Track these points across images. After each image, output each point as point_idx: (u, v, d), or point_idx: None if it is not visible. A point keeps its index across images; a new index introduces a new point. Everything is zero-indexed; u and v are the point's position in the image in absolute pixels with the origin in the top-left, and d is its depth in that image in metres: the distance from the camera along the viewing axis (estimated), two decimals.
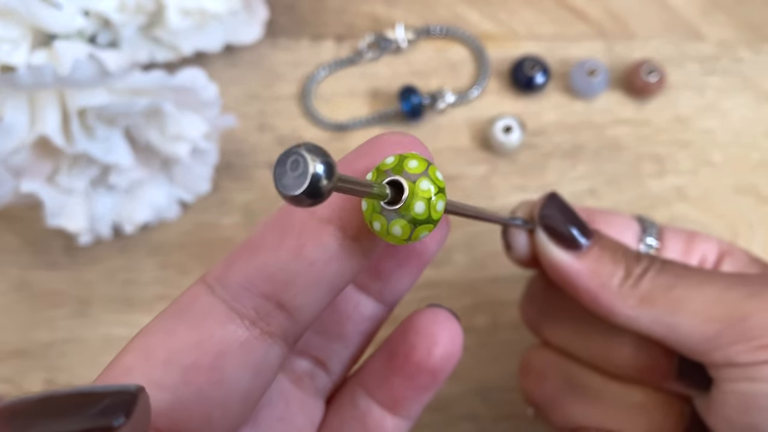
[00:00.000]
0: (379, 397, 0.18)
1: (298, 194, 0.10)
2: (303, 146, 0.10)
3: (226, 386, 0.14)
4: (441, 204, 0.13)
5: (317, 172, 0.10)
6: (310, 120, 0.32)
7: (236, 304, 0.14)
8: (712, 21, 0.34)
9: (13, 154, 0.24)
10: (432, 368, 0.17)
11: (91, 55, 0.22)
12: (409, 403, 0.17)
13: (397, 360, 0.17)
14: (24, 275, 0.30)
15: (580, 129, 0.32)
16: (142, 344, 0.14)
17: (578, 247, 0.19)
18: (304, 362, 0.18)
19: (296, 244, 0.14)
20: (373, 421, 0.18)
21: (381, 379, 0.18)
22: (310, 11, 0.34)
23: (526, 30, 0.34)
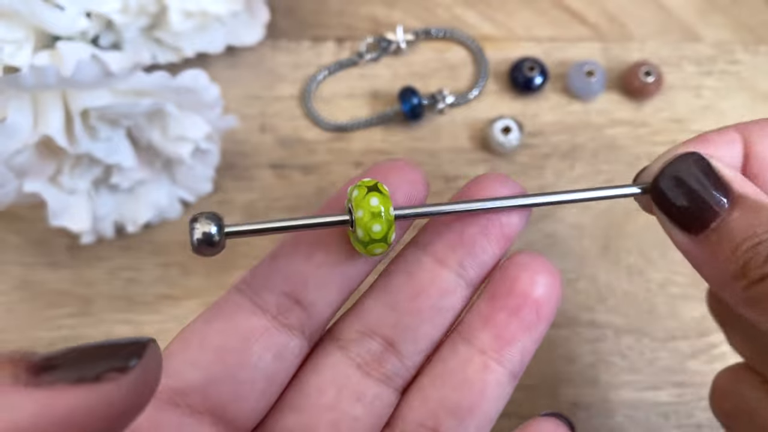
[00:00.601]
0: (482, 339, 0.17)
1: (195, 250, 0.15)
2: (195, 217, 0.15)
3: (251, 366, 0.16)
4: (377, 227, 0.16)
5: (199, 237, 0.15)
6: (310, 121, 0.32)
7: (259, 300, 0.17)
8: (708, 22, 0.34)
9: (16, 155, 0.24)
10: (536, 300, 0.17)
11: (93, 57, 0.22)
12: (514, 346, 0.17)
13: (500, 295, 0.17)
14: (27, 274, 0.30)
15: (578, 130, 0.32)
16: (182, 335, 0.17)
17: (695, 230, 0.16)
18: (373, 344, 0.18)
19: (308, 250, 0.17)
20: (474, 371, 0.17)
21: (485, 319, 0.17)
22: (311, 13, 0.35)
23: (524, 31, 0.34)
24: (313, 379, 0.17)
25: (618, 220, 0.31)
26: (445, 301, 0.17)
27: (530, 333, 0.17)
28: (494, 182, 0.17)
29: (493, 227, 0.17)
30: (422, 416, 0.17)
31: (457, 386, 0.17)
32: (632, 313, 0.29)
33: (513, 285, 0.17)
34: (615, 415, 0.28)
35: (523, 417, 0.28)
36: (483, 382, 0.17)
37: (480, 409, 0.17)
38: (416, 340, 0.17)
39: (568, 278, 0.30)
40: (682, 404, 0.28)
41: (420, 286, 0.17)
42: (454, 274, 0.17)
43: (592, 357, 0.29)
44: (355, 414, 0.17)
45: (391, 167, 0.17)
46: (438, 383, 0.17)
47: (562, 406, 0.28)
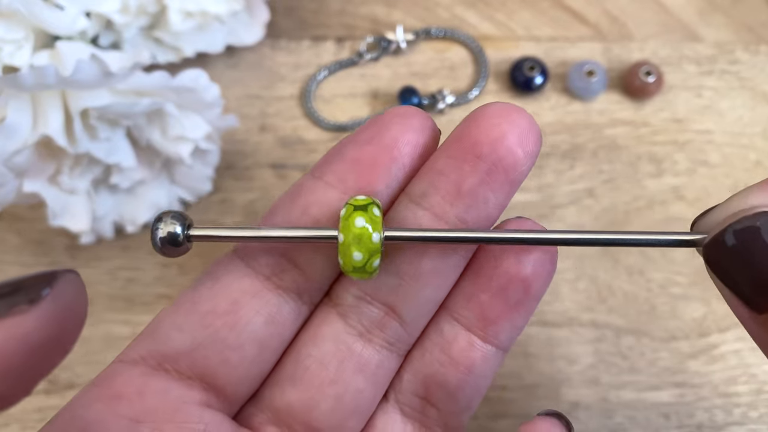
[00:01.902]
0: (467, 317, 0.16)
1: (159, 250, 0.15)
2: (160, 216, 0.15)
3: (240, 330, 0.16)
4: (358, 255, 0.15)
5: (162, 237, 0.15)
6: (310, 120, 0.32)
7: (253, 261, 0.16)
8: (709, 22, 0.34)
9: (15, 155, 0.24)
10: (523, 278, 0.16)
11: (93, 56, 0.22)
12: (500, 324, 0.16)
13: (485, 272, 0.16)
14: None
15: (578, 129, 0.32)
16: (175, 301, 0.16)
17: (759, 308, 0.14)
18: (373, 310, 0.17)
19: (304, 204, 0.16)
20: (459, 350, 0.16)
21: (468, 297, 0.16)
22: (311, 13, 0.35)
23: (524, 31, 0.34)
24: (313, 351, 0.16)
25: (618, 220, 0.31)
26: (446, 260, 0.16)
27: (518, 311, 0.16)
28: (494, 116, 0.16)
29: (495, 173, 0.15)
30: (414, 387, 0.17)
31: (444, 363, 0.16)
32: (633, 313, 0.29)
33: (498, 262, 0.16)
34: (615, 416, 0.28)
35: (523, 417, 0.28)
36: (469, 359, 0.16)
37: (468, 384, 0.17)
38: (418, 305, 0.16)
39: (568, 278, 0.30)
40: (683, 404, 0.28)
41: (419, 246, 0.16)
42: None
43: (592, 357, 0.29)
44: (359, 386, 0.16)
45: (393, 114, 0.16)
46: (426, 358, 0.17)
47: (562, 406, 0.28)
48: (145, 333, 0.16)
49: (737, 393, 0.28)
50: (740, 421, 0.28)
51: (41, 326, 0.12)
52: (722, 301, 0.29)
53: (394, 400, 0.17)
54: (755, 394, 0.28)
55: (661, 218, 0.31)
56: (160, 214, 0.15)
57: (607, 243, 0.15)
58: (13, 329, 0.11)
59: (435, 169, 0.16)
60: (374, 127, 0.16)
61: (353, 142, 0.16)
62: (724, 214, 0.14)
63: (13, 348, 0.11)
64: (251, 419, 0.17)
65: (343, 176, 0.16)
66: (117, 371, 0.15)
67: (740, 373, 0.28)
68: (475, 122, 0.16)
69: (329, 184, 0.16)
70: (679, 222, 0.31)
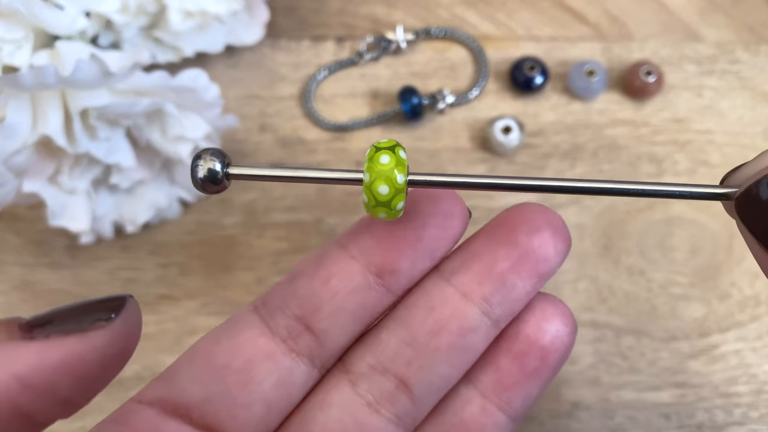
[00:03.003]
0: (483, 382, 0.16)
1: (200, 185, 0.15)
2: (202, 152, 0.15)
3: (251, 389, 0.16)
4: (384, 188, 0.15)
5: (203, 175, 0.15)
6: (310, 120, 0.32)
7: (271, 321, 0.16)
8: (709, 22, 0.34)
9: (15, 155, 0.24)
10: (542, 346, 0.16)
11: (93, 56, 0.22)
12: (516, 392, 0.16)
13: (505, 337, 0.16)
14: (26, 275, 0.30)
15: (578, 129, 0.32)
16: (192, 349, 0.17)
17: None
18: (385, 382, 0.17)
19: (326, 275, 0.16)
20: (471, 414, 0.16)
21: (486, 361, 0.16)
22: (311, 13, 0.34)
23: (525, 31, 0.34)
24: (320, 416, 0.16)
25: (619, 220, 0.31)
26: (466, 339, 0.16)
27: (534, 380, 0.16)
28: (532, 212, 0.16)
29: (526, 261, 0.16)
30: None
31: (455, 426, 0.17)
32: (633, 313, 0.29)
33: (519, 327, 0.16)
34: (615, 416, 0.28)
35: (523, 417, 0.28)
36: (481, 426, 0.16)
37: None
38: (431, 381, 0.16)
39: (569, 278, 0.30)
40: (683, 405, 0.28)
41: (441, 322, 0.16)
42: (478, 310, 0.16)
43: (592, 357, 0.29)
44: None
45: (427, 200, 0.17)
46: (439, 422, 0.17)
47: (563, 406, 0.28)
48: (163, 377, 0.17)
49: (738, 393, 0.28)
50: (741, 422, 0.28)
51: (113, 341, 0.13)
52: (722, 301, 0.29)
53: None
54: (756, 395, 0.28)
55: (661, 218, 0.31)
56: (199, 152, 0.15)
57: (637, 193, 0.15)
58: (91, 343, 0.13)
59: (470, 250, 0.17)
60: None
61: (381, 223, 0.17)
62: (756, 169, 0.14)
63: (91, 359, 0.13)
64: None
65: (367, 251, 0.16)
66: (134, 410, 0.16)
67: (741, 374, 0.28)
68: (514, 214, 0.17)
69: (353, 258, 0.16)
70: (679, 222, 0.31)
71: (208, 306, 0.29)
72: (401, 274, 0.16)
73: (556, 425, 0.28)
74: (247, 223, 0.30)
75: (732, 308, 0.29)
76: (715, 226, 0.31)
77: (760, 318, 0.29)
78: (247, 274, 0.30)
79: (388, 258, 0.16)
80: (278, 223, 0.31)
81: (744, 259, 0.30)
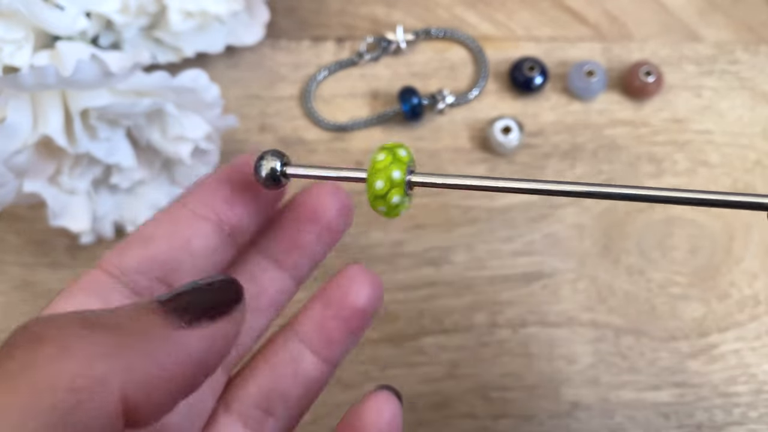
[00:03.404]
0: (314, 341, 0.19)
1: (263, 182, 0.17)
2: (264, 153, 0.17)
3: None
4: (380, 183, 0.16)
5: (267, 172, 0.17)
6: (310, 121, 0.32)
7: (132, 285, 0.17)
8: (709, 22, 0.34)
9: (16, 155, 0.24)
10: (363, 310, 0.19)
11: (93, 56, 0.22)
12: (339, 346, 0.19)
13: (334, 304, 0.19)
14: (26, 274, 0.30)
15: (578, 129, 0.32)
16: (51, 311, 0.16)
17: None
18: None
19: (184, 237, 0.17)
20: (304, 369, 0.19)
21: (317, 325, 0.19)
22: (311, 13, 0.35)
23: (524, 31, 0.34)
24: None
25: (618, 220, 0.31)
26: (279, 298, 0.19)
27: (355, 336, 0.19)
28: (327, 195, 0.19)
29: (325, 233, 0.19)
30: (257, 400, 0.19)
31: (289, 377, 0.19)
32: (632, 313, 0.29)
33: (345, 297, 0.19)
34: (615, 416, 0.28)
35: (523, 417, 0.28)
36: (309, 377, 0.19)
37: (306, 396, 0.19)
38: (252, 333, 0.19)
39: (569, 278, 0.30)
40: (683, 404, 0.28)
41: (262, 288, 0.19)
42: (288, 275, 0.19)
43: (592, 357, 0.29)
44: (201, 396, 0.18)
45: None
46: (275, 374, 0.19)
47: (562, 406, 0.28)
48: None
49: (737, 393, 0.28)
50: (740, 421, 0.28)
51: (238, 326, 0.14)
52: (722, 301, 0.29)
53: (237, 412, 0.19)
54: (755, 394, 0.28)
55: (661, 218, 0.31)
56: (262, 153, 0.17)
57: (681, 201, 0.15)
58: (235, 324, 0.14)
59: (280, 226, 0.20)
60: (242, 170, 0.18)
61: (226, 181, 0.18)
62: None
63: (233, 341, 0.13)
64: None
65: (216, 209, 0.18)
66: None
67: (740, 373, 0.28)
68: (310, 197, 0.20)
69: (205, 218, 0.18)
70: (679, 222, 0.31)
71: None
72: (245, 228, 0.18)
73: (555, 425, 0.28)
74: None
75: (731, 308, 0.29)
76: (714, 226, 0.31)
77: (760, 318, 0.29)
78: None
79: (235, 214, 0.18)
80: None
81: (743, 259, 0.30)
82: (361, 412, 0.17)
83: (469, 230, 0.31)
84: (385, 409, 0.17)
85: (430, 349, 0.29)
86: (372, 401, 0.18)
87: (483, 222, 0.31)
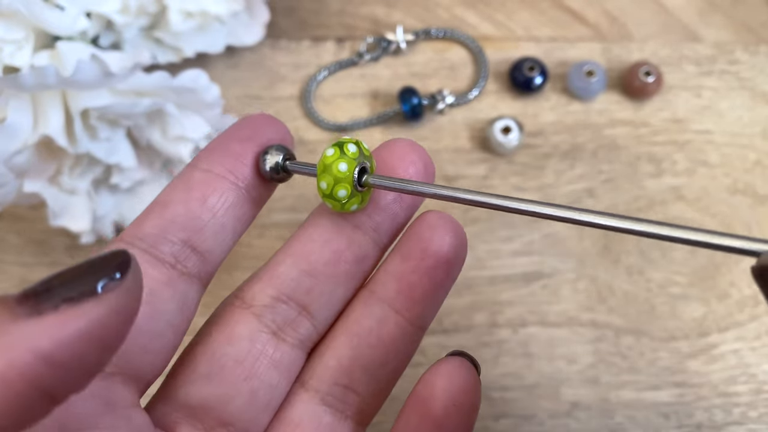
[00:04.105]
0: (395, 299, 0.17)
1: (267, 176, 0.17)
2: (269, 148, 0.17)
3: (158, 318, 0.16)
4: (323, 183, 0.16)
5: (271, 166, 0.17)
6: (310, 121, 0.32)
7: (155, 251, 0.16)
8: (708, 23, 0.34)
9: (16, 155, 0.24)
10: (447, 261, 0.17)
11: (93, 57, 0.22)
12: (425, 304, 0.17)
13: (413, 256, 0.17)
14: (26, 274, 0.30)
15: (578, 130, 0.32)
16: None
17: None
18: (288, 310, 0.18)
19: (201, 196, 0.17)
20: (388, 331, 0.17)
21: (396, 280, 0.17)
22: (311, 13, 0.35)
23: (524, 32, 0.34)
24: (228, 350, 0.17)
25: None
26: (360, 265, 0.18)
27: (440, 290, 0.17)
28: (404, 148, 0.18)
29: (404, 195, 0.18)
30: (337, 375, 0.17)
31: (372, 345, 0.17)
32: (632, 313, 0.29)
33: (426, 246, 0.17)
34: (615, 416, 0.28)
35: (524, 417, 0.28)
36: (396, 340, 0.17)
37: (391, 364, 0.18)
38: (331, 305, 0.18)
39: (569, 278, 0.30)
40: (683, 404, 0.28)
41: (338, 252, 0.17)
42: (370, 239, 0.18)
43: (592, 357, 0.29)
44: (272, 381, 0.17)
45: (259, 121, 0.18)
46: (354, 342, 0.17)
47: (562, 406, 0.28)
48: None
49: (736, 393, 0.28)
50: (740, 421, 0.28)
51: (128, 301, 0.12)
52: (722, 301, 0.29)
53: (314, 390, 0.18)
54: (754, 394, 0.28)
55: (661, 218, 0.31)
56: (267, 147, 0.17)
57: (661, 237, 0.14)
58: (110, 304, 0.12)
59: None
60: (249, 129, 0.18)
61: (235, 140, 0.18)
62: None
63: (112, 324, 0.12)
64: (165, 418, 0.17)
65: (231, 168, 0.17)
66: None
67: (739, 373, 0.28)
68: (390, 152, 0.18)
69: (221, 176, 0.17)
70: (679, 221, 0.31)
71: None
72: (260, 182, 0.18)
73: (555, 425, 0.28)
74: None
75: (731, 308, 0.29)
76: (714, 225, 0.31)
77: (759, 318, 0.29)
78: (248, 273, 0.30)
79: (248, 169, 0.17)
80: (279, 223, 0.31)
81: (743, 259, 0.30)
82: (429, 379, 0.16)
83: (469, 230, 0.31)
84: (456, 375, 0.16)
85: (430, 349, 0.29)
86: (442, 367, 0.16)
87: (483, 222, 0.31)
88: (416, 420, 0.16)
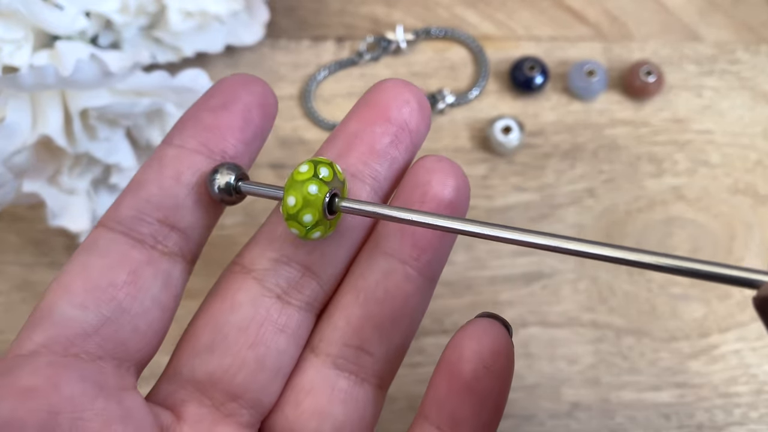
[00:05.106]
0: (401, 250, 0.17)
1: (217, 198, 0.16)
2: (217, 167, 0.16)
3: (142, 297, 0.16)
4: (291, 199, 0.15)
5: (220, 186, 0.16)
6: (310, 120, 0.32)
7: (134, 233, 0.16)
8: (709, 22, 0.34)
9: (15, 155, 0.24)
10: (450, 205, 0.17)
11: (93, 56, 0.22)
12: (432, 252, 0.17)
13: (414, 201, 0.17)
14: (26, 275, 0.30)
15: (578, 129, 0.32)
16: (58, 284, 0.15)
17: None
18: (291, 271, 0.17)
19: (175, 172, 0.16)
20: (396, 284, 0.17)
21: (400, 228, 0.17)
22: (311, 13, 0.34)
23: (525, 31, 0.34)
24: (231, 318, 0.16)
25: (619, 219, 0.31)
26: (364, 220, 0.17)
27: (447, 237, 0.17)
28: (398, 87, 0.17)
29: (402, 135, 0.17)
30: (347, 335, 0.17)
31: (381, 300, 0.17)
32: (633, 313, 0.29)
33: (426, 190, 0.17)
34: (616, 416, 0.28)
35: (524, 417, 0.28)
36: (405, 293, 0.17)
37: (404, 320, 0.17)
38: (335, 262, 0.17)
39: (569, 278, 0.30)
40: (683, 405, 0.28)
41: None
42: (369, 188, 0.17)
43: (592, 357, 0.29)
44: (280, 347, 0.16)
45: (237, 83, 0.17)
46: (361, 299, 0.17)
47: (563, 406, 0.28)
48: (37, 319, 0.15)
49: (737, 393, 0.28)
50: (740, 422, 0.28)
51: None
52: (722, 302, 0.29)
53: (325, 353, 0.17)
54: (755, 395, 0.28)
55: (661, 218, 0.31)
56: (216, 165, 0.16)
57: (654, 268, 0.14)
58: None
59: (349, 132, 0.17)
60: (222, 95, 0.17)
61: (207, 110, 0.17)
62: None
63: None
64: (172, 397, 0.16)
65: (205, 141, 0.16)
66: (19, 365, 0.14)
67: (740, 374, 0.28)
68: (381, 91, 0.18)
69: (195, 151, 0.16)
70: (679, 222, 0.31)
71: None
72: (236, 151, 0.17)
73: (556, 425, 0.28)
74: (247, 224, 0.30)
75: (732, 308, 0.29)
76: (715, 226, 0.31)
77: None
78: None
79: (222, 139, 0.17)
80: None
81: (744, 259, 0.30)
82: (457, 342, 0.15)
83: None
84: (485, 336, 0.15)
85: (430, 349, 0.29)
86: (470, 328, 0.15)
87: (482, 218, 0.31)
88: (446, 386, 0.15)
